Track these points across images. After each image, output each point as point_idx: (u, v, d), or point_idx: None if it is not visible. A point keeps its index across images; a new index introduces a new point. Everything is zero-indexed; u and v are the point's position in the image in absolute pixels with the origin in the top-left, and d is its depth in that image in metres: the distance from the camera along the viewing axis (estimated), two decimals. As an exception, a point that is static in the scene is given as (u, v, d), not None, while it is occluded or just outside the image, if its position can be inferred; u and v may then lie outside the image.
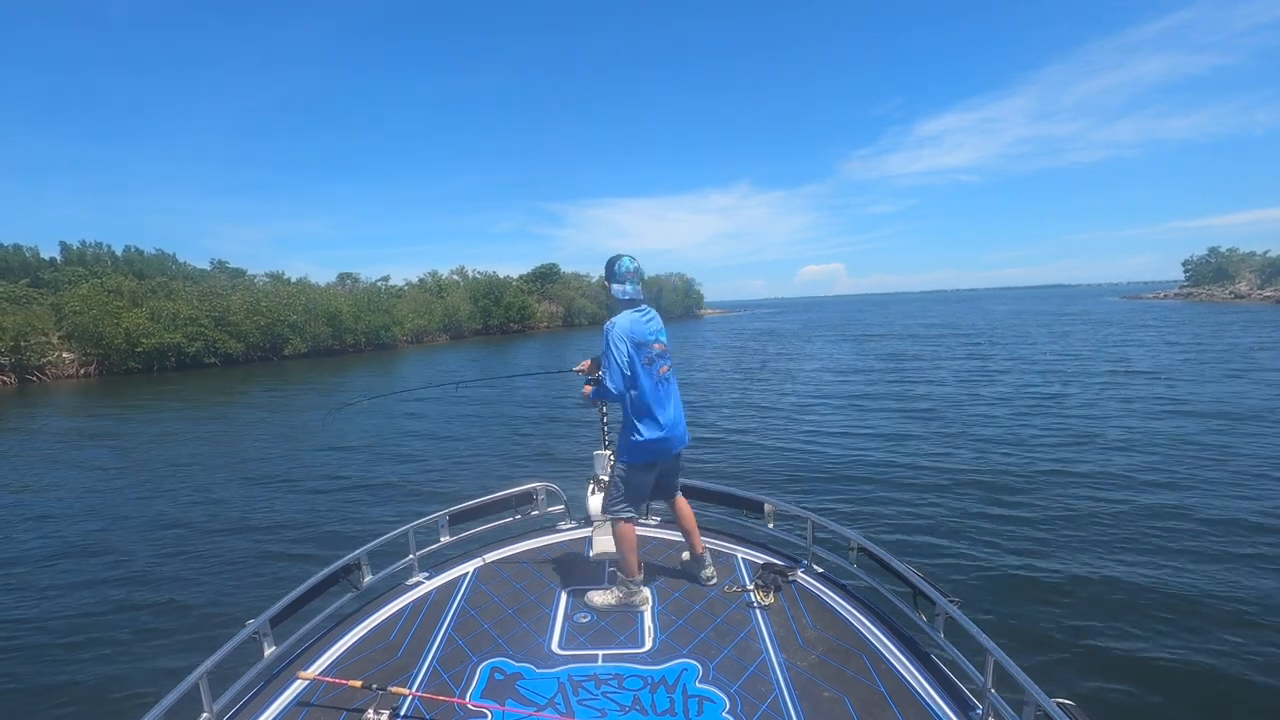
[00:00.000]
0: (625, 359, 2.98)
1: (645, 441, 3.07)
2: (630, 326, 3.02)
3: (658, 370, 3.09)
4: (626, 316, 3.06)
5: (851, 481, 8.68)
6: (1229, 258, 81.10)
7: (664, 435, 3.10)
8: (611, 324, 3.03)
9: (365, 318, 45.94)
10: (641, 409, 3.06)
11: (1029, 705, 2.02)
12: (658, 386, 3.08)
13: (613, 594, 3.14)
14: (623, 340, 2.98)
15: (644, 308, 3.16)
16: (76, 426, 17.33)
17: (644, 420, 3.07)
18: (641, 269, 3.19)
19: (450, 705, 2.38)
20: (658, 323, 3.18)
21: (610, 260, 3.16)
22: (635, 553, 3.15)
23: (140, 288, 39.53)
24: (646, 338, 3.06)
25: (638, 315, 3.09)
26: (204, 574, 6.42)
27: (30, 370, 31.00)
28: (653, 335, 3.09)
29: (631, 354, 2.99)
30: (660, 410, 3.08)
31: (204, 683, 2.24)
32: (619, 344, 2.97)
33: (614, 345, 2.97)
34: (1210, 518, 6.70)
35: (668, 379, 3.16)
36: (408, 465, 10.75)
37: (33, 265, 48.42)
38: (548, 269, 79.77)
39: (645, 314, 3.13)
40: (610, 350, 2.98)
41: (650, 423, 3.07)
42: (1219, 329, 31.20)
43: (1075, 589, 5.36)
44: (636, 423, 3.07)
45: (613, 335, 2.98)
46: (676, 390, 3.24)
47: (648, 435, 3.07)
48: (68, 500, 9.53)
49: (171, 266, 54.27)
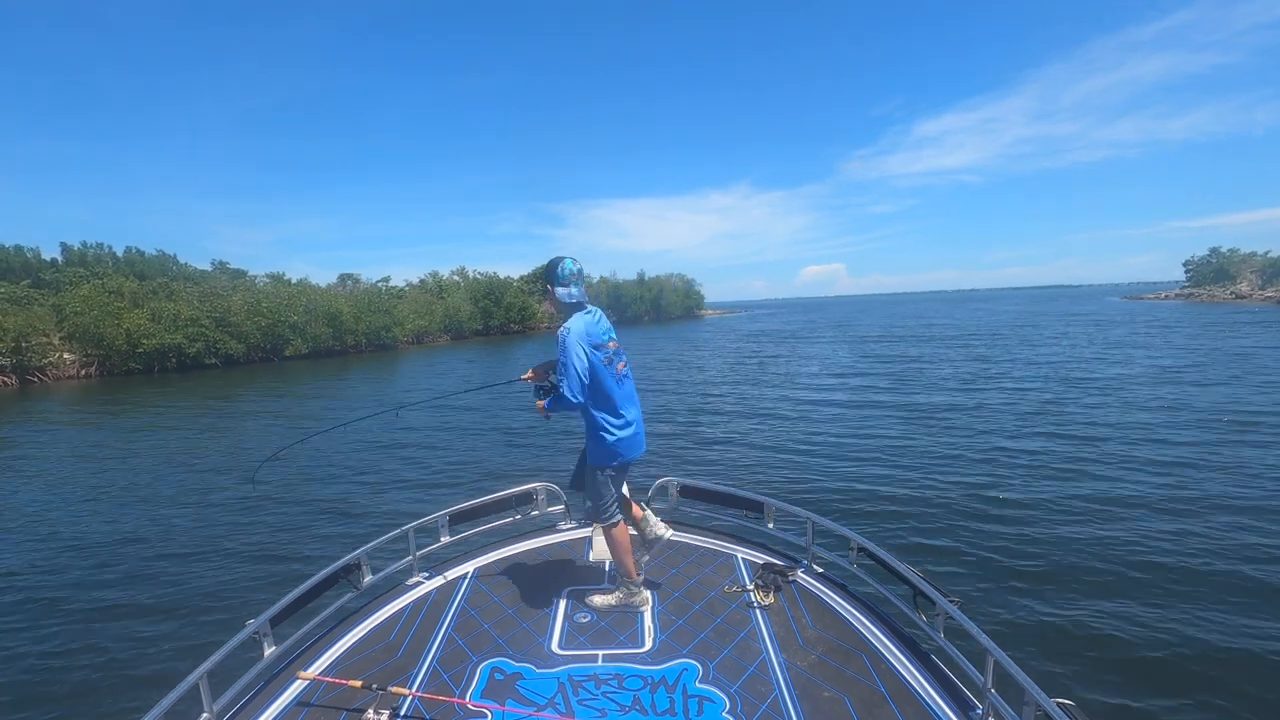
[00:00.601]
0: (585, 365, 2.90)
1: (619, 441, 3.05)
2: (585, 329, 2.94)
3: (616, 368, 3.06)
4: (579, 320, 2.98)
5: (852, 482, 8.67)
6: (1230, 258, 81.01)
7: (634, 432, 3.10)
8: (567, 330, 2.93)
9: (366, 318, 45.95)
10: (609, 409, 3.03)
11: (1029, 705, 2.02)
12: (619, 385, 3.05)
13: (614, 595, 3.14)
14: (580, 344, 2.90)
15: (591, 308, 3.09)
16: (77, 427, 17.35)
17: (614, 420, 3.04)
18: (584, 270, 3.12)
19: (450, 705, 2.38)
20: (606, 322, 3.13)
21: (551, 263, 3.06)
22: (631, 555, 3.14)
23: (141, 289, 39.54)
24: (602, 338, 3.00)
25: (589, 317, 3.02)
26: (204, 574, 6.42)
27: (31, 371, 31.02)
28: (606, 335, 3.05)
29: (592, 358, 2.93)
30: (626, 408, 3.07)
31: (204, 683, 2.25)
32: (578, 349, 2.89)
33: (574, 351, 2.88)
34: (1210, 518, 6.70)
35: (626, 376, 3.14)
36: (407, 466, 10.76)
37: (34, 266, 48.52)
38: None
39: (594, 314, 3.07)
40: (570, 357, 2.88)
41: (620, 421, 3.05)
42: (1222, 330, 31.15)
43: (1075, 589, 5.36)
44: (607, 423, 3.03)
45: (569, 341, 2.89)
46: (634, 388, 3.22)
47: (620, 434, 3.04)
48: (67, 501, 9.53)
49: (172, 267, 54.37)
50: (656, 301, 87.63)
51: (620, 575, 3.15)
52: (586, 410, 3.02)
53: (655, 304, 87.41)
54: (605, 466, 3.09)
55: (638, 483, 4.27)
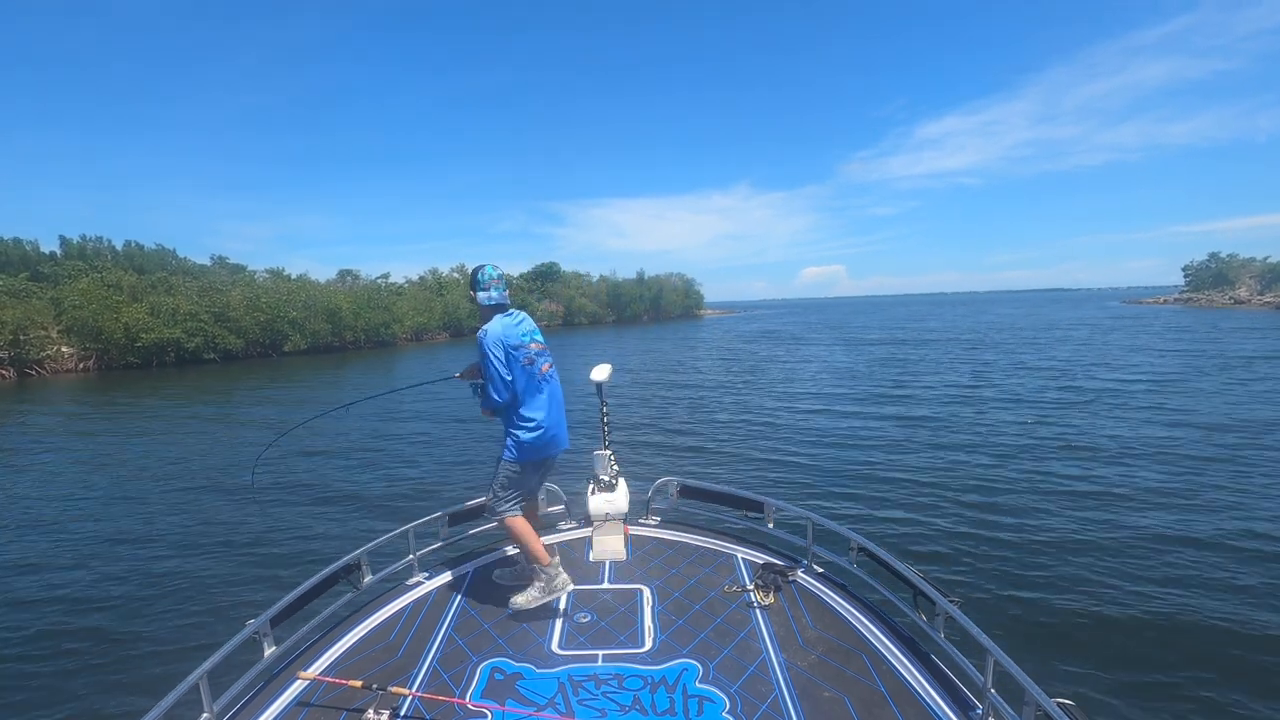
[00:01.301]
0: (503, 364, 3.00)
1: (530, 439, 3.13)
2: (502, 331, 3.04)
3: (539, 369, 3.15)
4: (497, 322, 3.07)
5: (852, 482, 8.68)
6: (1229, 263, 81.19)
7: (546, 432, 3.17)
8: (484, 332, 3.04)
9: (365, 315, 45.94)
10: (523, 408, 3.11)
11: (1029, 705, 2.03)
12: (539, 385, 3.14)
13: (535, 589, 3.11)
14: (497, 346, 3.00)
15: (512, 311, 3.19)
16: (74, 422, 17.33)
17: (526, 419, 3.12)
18: (506, 275, 3.25)
19: (450, 705, 2.37)
20: (529, 323, 3.22)
21: (473, 271, 3.18)
22: (538, 540, 3.17)
23: (140, 283, 39.39)
24: (521, 339, 3.09)
25: (508, 319, 3.11)
26: (203, 574, 6.40)
27: (29, 364, 30.93)
28: (526, 336, 3.13)
29: (509, 357, 3.02)
30: (543, 408, 3.15)
31: (204, 683, 2.24)
32: (495, 350, 2.99)
33: (490, 352, 2.99)
34: (1211, 519, 6.71)
35: (549, 377, 3.22)
36: (407, 465, 10.75)
37: (32, 259, 48.46)
38: (547, 268, 79.78)
39: (514, 317, 3.16)
40: (488, 358, 3.00)
41: (533, 421, 3.13)
42: (1220, 336, 31.20)
43: (1076, 589, 5.37)
44: (520, 422, 3.12)
45: (487, 343, 3.00)
46: (559, 389, 3.30)
47: (532, 434, 3.13)
48: (64, 498, 9.51)
49: (172, 262, 54.29)
50: (656, 301, 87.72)
51: (533, 565, 3.13)
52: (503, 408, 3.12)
53: (655, 303, 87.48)
54: (515, 460, 3.16)
55: (639, 483, 4.28)
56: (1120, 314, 58.64)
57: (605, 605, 3.15)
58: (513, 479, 3.18)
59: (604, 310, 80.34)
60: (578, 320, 74.29)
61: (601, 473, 3.93)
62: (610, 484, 3.87)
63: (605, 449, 3.99)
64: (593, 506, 3.77)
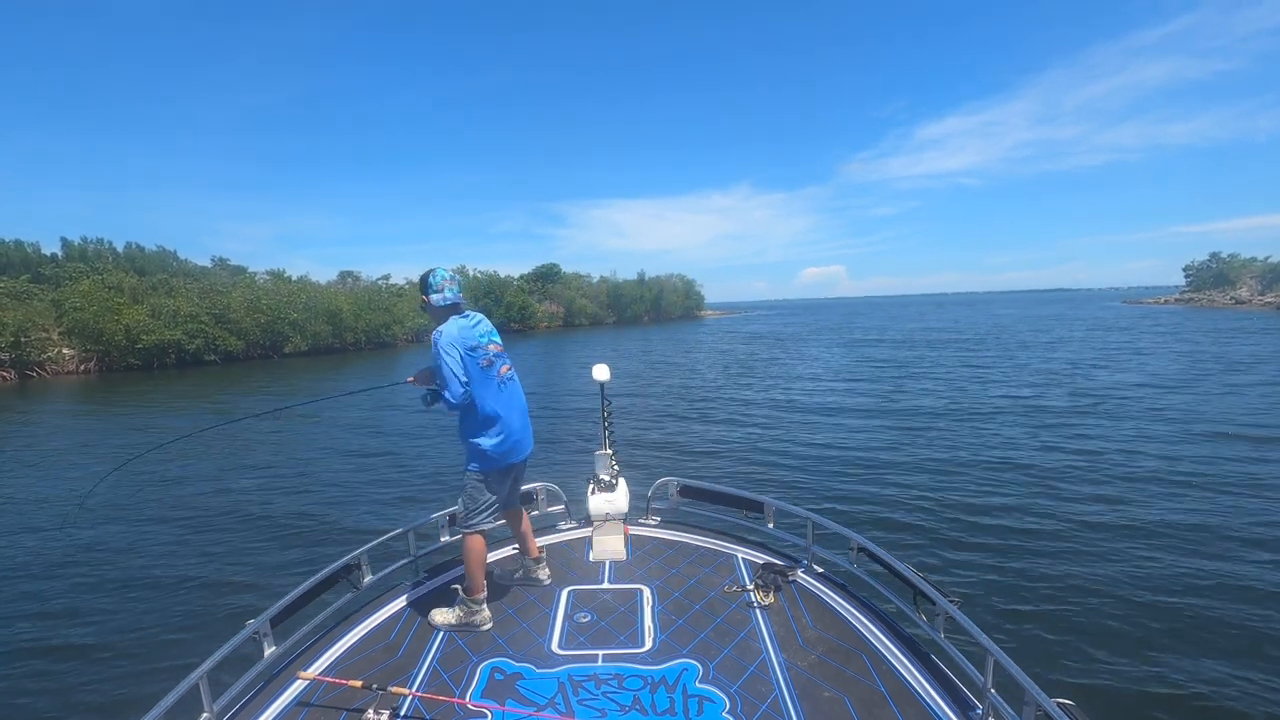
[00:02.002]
0: (460, 366, 2.91)
1: (492, 445, 3.03)
2: (458, 333, 2.95)
3: (497, 371, 3.06)
4: (453, 323, 2.98)
5: (852, 482, 8.67)
6: (1230, 263, 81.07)
7: (509, 437, 3.08)
8: (439, 333, 2.95)
9: (366, 316, 45.93)
10: (482, 412, 3.00)
11: (1029, 705, 2.03)
12: (499, 389, 3.05)
13: (454, 613, 3.03)
14: (452, 347, 2.91)
15: (468, 313, 3.10)
16: (74, 423, 17.34)
17: (486, 424, 3.02)
18: (459, 277, 3.15)
19: (450, 705, 2.37)
20: (486, 324, 3.13)
21: (424, 275, 3.08)
22: (482, 571, 3.06)
23: (141, 284, 39.39)
24: (479, 340, 3.00)
25: (464, 320, 3.02)
26: (203, 574, 6.40)
27: (30, 366, 30.92)
28: (484, 338, 3.04)
29: (465, 359, 2.93)
30: (503, 411, 3.05)
31: (204, 683, 2.24)
32: (449, 351, 2.90)
33: (444, 354, 2.89)
34: (1210, 520, 6.70)
35: (509, 379, 3.14)
36: (408, 466, 10.74)
37: (34, 261, 48.49)
38: (548, 269, 79.76)
39: (471, 319, 3.07)
40: (442, 360, 2.89)
41: (495, 427, 3.03)
42: (1223, 336, 31.17)
43: (1075, 589, 5.36)
44: (480, 428, 3.02)
45: (441, 344, 2.91)
46: (519, 391, 3.22)
47: (494, 439, 3.03)
48: (64, 498, 9.51)
49: (172, 263, 54.30)
50: (657, 302, 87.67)
51: (464, 591, 3.05)
52: (464, 414, 3.02)
53: (655, 304, 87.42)
54: (481, 469, 3.07)
55: (639, 483, 4.28)
56: (1122, 314, 58.60)
57: (605, 605, 3.15)
58: (480, 490, 3.09)
59: (604, 311, 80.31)
60: (578, 321, 74.26)
61: (602, 472, 3.93)
62: (610, 484, 3.87)
63: (606, 449, 3.99)
64: (593, 506, 3.77)
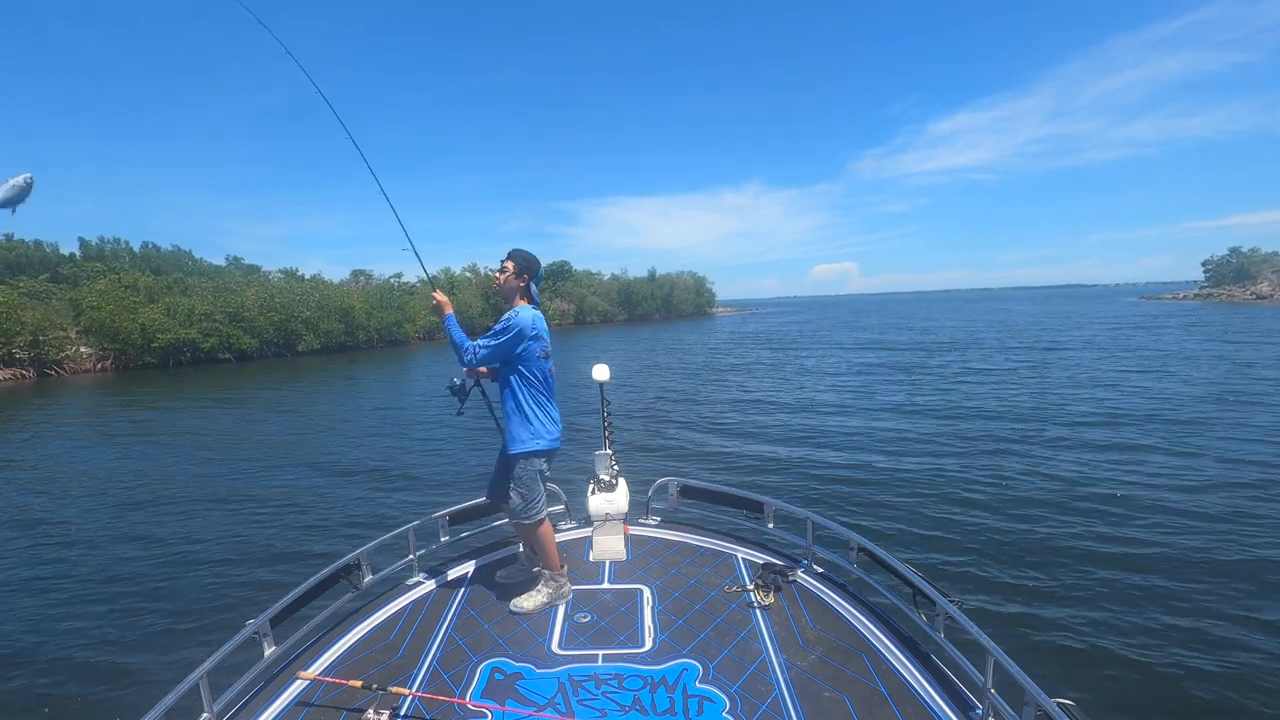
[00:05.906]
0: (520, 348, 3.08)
1: (549, 434, 3.19)
2: (532, 321, 3.14)
3: (550, 366, 3.25)
4: (530, 311, 3.18)
5: (852, 482, 8.63)
6: (1251, 258, 79.56)
7: (558, 424, 3.27)
8: (515, 312, 3.14)
9: (378, 315, 46.24)
10: (543, 401, 3.19)
11: (1029, 705, 2.02)
12: (550, 380, 3.25)
13: (542, 593, 3.16)
14: (532, 330, 3.10)
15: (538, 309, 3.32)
16: (91, 421, 17.60)
17: (545, 411, 3.20)
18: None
19: (450, 705, 2.38)
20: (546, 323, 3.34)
21: (536, 260, 3.29)
22: (555, 545, 3.25)
23: (156, 284, 39.99)
24: (544, 334, 3.21)
25: (537, 312, 3.24)
26: (204, 573, 6.45)
27: (49, 365, 31.44)
28: (547, 332, 3.24)
29: (530, 347, 3.12)
30: (554, 402, 3.27)
31: (204, 683, 2.26)
32: (527, 332, 3.08)
33: (521, 331, 3.07)
34: (1216, 521, 6.63)
35: (553, 376, 3.33)
36: (407, 466, 10.79)
37: (52, 261, 49.33)
38: (559, 266, 79.81)
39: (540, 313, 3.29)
40: (512, 336, 3.07)
41: (550, 414, 3.22)
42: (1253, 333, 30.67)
43: (1076, 590, 5.33)
44: (540, 413, 3.18)
45: (524, 324, 3.08)
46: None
47: (549, 426, 3.20)
48: (73, 497, 9.64)
49: (188, 263, 55.03)
50: (668, 299, 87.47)
51: (545, 570, 3.22)
52: (520, 396, 3.15)
53: (666, 302, 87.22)
54: (535, 455, 3.17)
55: (638, 483, 4.28)
56: (1141, 310, 57.76)
57: (605, 605, 3.16)
58: (536, 480, 3.19)
59: (615, 309, 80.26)
60: (589, 319, 74.24)
61: (602, 472, 3.94)
62: (610, 484, 3.87)
63: (606, 449, 3.99)
64: (593, 506, 3.78)
